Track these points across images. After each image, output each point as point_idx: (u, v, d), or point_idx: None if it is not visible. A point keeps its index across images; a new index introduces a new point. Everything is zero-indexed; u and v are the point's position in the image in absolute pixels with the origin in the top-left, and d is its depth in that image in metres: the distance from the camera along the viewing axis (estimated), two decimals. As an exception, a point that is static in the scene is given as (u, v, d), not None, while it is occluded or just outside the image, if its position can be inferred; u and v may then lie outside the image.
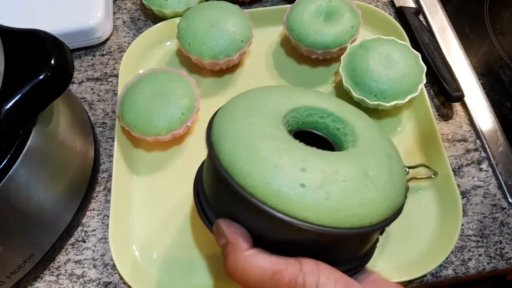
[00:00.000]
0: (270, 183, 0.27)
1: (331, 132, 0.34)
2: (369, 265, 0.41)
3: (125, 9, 0.59)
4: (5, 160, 0.33)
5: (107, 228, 0.44)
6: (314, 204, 0.27)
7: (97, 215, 0.45)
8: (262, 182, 0.27)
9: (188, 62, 0.52)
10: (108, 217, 0.45)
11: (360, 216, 0.28)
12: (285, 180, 0.27)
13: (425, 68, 0.47)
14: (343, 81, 0.47)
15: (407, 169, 0.44)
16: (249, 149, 0.28)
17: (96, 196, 0.46)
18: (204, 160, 0.35)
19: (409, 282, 0.41)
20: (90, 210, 0.45)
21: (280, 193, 0.27)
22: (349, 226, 0.28)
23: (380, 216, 0.29)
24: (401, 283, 0.41)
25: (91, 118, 0.50)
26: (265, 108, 0.32)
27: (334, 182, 0.27)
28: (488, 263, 0.42)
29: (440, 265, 0.41)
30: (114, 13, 0.58)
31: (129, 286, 0.41)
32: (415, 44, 0.52)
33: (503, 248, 0.43)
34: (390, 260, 0.41)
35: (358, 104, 0.46)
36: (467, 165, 0.47)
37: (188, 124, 0.45)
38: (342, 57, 0.48)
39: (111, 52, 0.56)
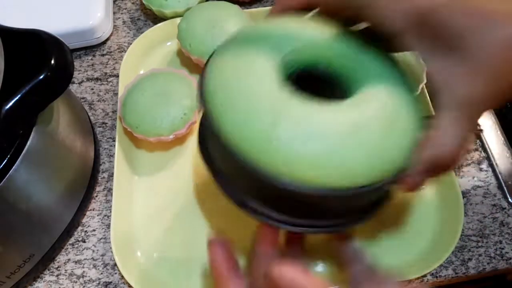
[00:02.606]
0: (274, 148, 0.26)
1: (340, 71, 0.31)
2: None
3: (125, 9, 0.59)
4: (5, 160, 0.33)
5: (107, 228, 0.44)
6: (292, 157, 0.26)
7: (97, 215, 0.45)
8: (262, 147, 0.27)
9: (189, 62, 0.52)
10: (108, 217, 0.45)
11: (336, 178, 0.27)
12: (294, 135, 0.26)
13: (426, 67, 0.47)
14: (343, 81, 0.46)
15: None
16: (245, 115, 0.28)
17: (96, 196, 0.46)
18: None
19: (409, 281, 0.41)
20: (90, 210, 0.45)
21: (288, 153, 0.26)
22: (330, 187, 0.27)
23: (363, 179, 0.27)
24: (401, 282, 0.41)
25: (91, 118, 0.50)
26: (263, 48, 0.30)
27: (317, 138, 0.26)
28: (488, 263, 0.42)
29: (440, 265, 0.41)
30: (114, 13, 0.58)
31: (129, 286, 0.41)
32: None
33: (503, 248, 0.43)
34: (391, 260, 0.41)
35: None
36: (467, 165, 0.47)
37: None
38: (342, 57, 0.48)
39: (111, 52, 0.56)
